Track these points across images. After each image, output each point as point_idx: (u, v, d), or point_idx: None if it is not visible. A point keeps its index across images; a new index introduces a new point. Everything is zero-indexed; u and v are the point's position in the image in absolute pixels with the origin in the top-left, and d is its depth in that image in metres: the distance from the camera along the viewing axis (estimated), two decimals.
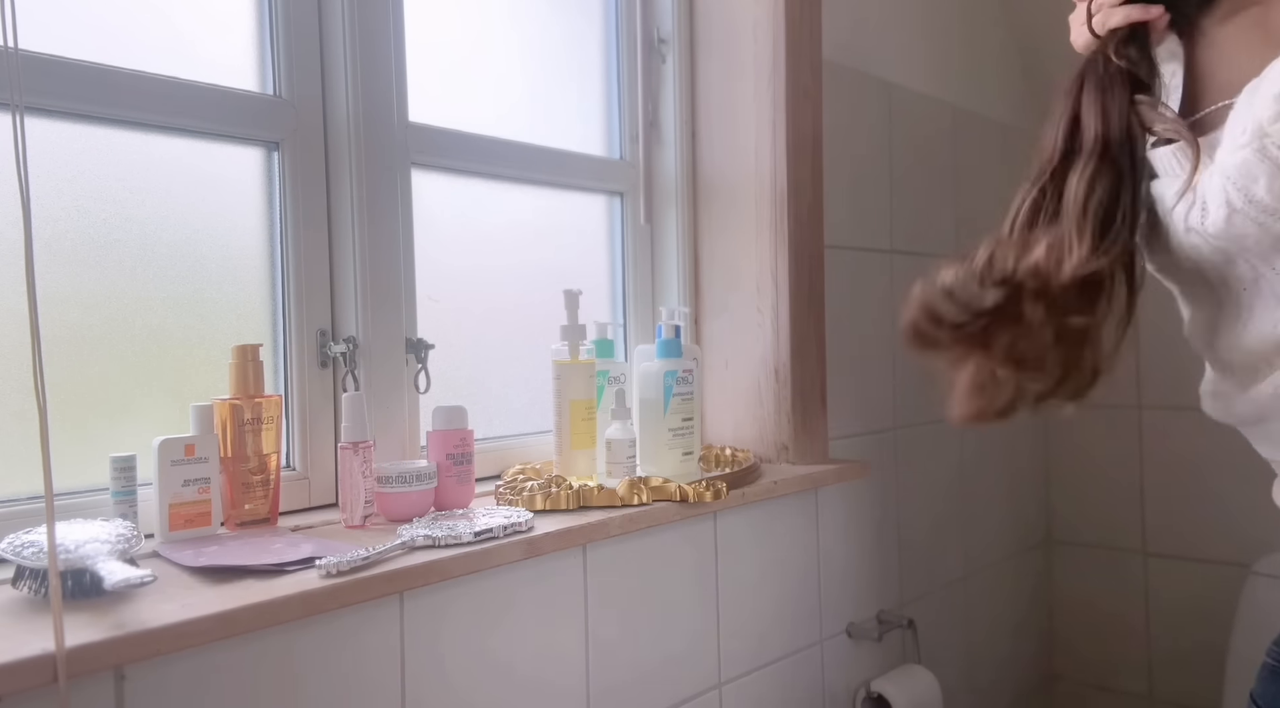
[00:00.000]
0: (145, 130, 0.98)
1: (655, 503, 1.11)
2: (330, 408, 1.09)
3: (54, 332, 0.92)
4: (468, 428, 1.07)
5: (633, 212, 1.47)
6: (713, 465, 1.35)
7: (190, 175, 1.02)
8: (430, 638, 0.93)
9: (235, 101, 1.03)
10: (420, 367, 1.15)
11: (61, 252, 0.92)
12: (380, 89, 1.11)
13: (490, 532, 0.94)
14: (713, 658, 1.26)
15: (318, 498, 1.08)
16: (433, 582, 0.89)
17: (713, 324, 1.48)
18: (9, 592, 0.77)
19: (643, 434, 1.20)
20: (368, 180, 1.10)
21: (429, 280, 1.19)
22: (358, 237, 1.09)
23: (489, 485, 1.17)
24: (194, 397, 0.97)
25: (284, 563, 0.84)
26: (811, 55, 1.43)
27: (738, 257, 1.45)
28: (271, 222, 1.07)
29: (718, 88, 1.47)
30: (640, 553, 1.15)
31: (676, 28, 1.48)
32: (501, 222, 1.31)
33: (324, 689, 0.85)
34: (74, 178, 0.93)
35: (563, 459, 1.17)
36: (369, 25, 1.10)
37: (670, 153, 1.48)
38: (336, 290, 1.10)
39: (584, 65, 1.45)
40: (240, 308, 1.05)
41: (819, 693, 1.43)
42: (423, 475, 1.02)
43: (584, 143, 1.43)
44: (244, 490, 0.96)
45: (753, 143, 1.43)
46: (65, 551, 0.74)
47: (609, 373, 1.23)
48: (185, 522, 0.91)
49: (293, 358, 1.07)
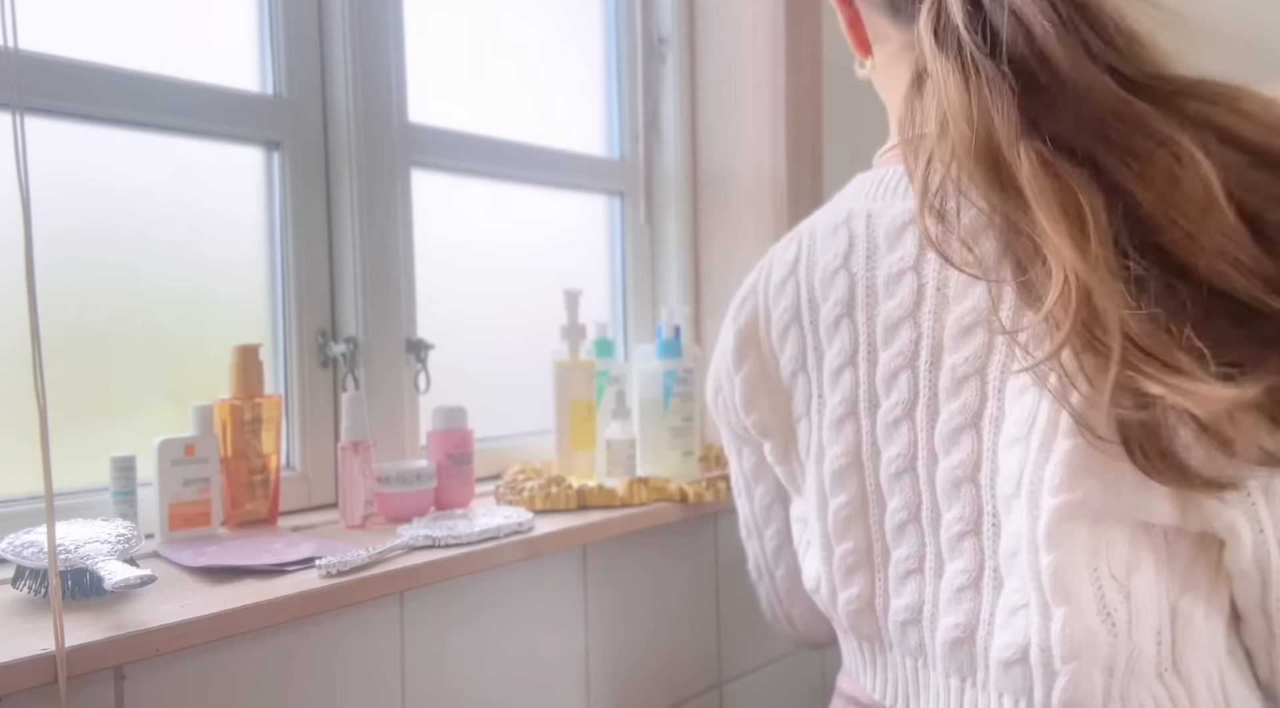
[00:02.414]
0: (145, 130, 0.98)
1: (655, 503, 1.11)
2: (330, 408, 1.09)
3: (54, 332, 0.92)
4: (468, 428, 1.07)
5: (633, 211, 1.47)
6: (713, 465, 1.35)
7: (190, 175, 1.01)
8: (430, 638, 0.93)
9: (235, 101, 1.03)
10: (420, 367, 1.15)
11: (61, 252, 0.92)
12: (380, 89, 1.11)
13: (490, 532, 0.94)
14: (713, 658, 1.25)
15: (318, 498, 1.08)
16: (433, 582, 0.89)
17: (713, 324, 1.48)
18: (9, 592, 0.77)
19: (643, 434, 1.20)
20: (368, 180, 1.10)
21: (429, 280, 1.19)
22: (358, 237, 1.09)
23: (489, 485, 1.17)
24: (194, 397, 0.97)
25: (284, 563, 0.84)
26: (811, 55, 1.43)
27: (738, 256, 1.45)
28: (271, 221, 1.07)
29: (718, 88, 1.47)
30: (640, 553, 1.15)
31: (676, 28, 1.48)
32: (501, 221, 1.31)
33: (324, 689, 0.85)
34: (74, 178, 0.93)
35: (563, 459, 1.17)
36: (369, 25, 1.10)
37: (670, 153, 1.48)
38: (336, 290, 1.10)
39: (584, 65, 1.45)
40: (240, 308, 1.05)
41: (819, 693, 1.43)
42: (423, 475, 1.02)
43: (584, 143, 1.43)
44: (244, 490, 0.96)
45: (753, 142, 1.43)
46: (65, 551, 0.74)
47: (609, 373, 1.23)
48: (185, 522, 0.91)
49: (293, 358, 1.07)
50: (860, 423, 0.75)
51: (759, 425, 0.83)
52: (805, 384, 0.78)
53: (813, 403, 0.78)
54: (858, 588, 0.77)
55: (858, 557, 0.77)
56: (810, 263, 0.78)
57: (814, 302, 0.77)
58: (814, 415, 0.78)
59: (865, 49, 0.79)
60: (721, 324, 0.87)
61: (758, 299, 0.82)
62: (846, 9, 0.79)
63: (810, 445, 0.79)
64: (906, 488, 0.73)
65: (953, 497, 0.70)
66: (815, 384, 0.78)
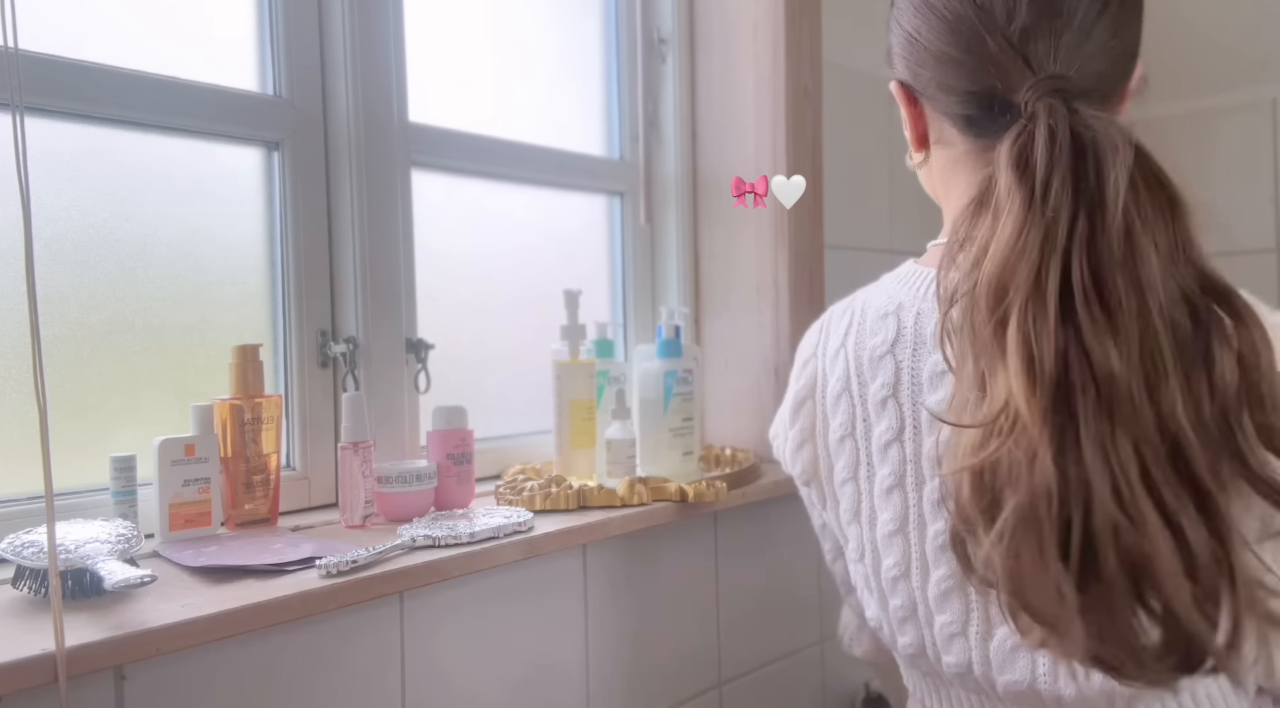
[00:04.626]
0: (145, 130, 0.98)
1: (655, 503, 1.11)
2: (330, 408, 1.09)
3: (54, 332, 0.92)
4: (468, 428, 1.07)
5: (633, 212, 1.47)
6: (713, 465, 1.35)
7: (190, 175, 1.01)
8: (430, 638, 0.93)
9: (235, 101, 1.03)
10: (420, 367, 1.15)
11: (61, 252, 0.92)
12: (380, 89, 1.11)
13: (490, 532, 0.94)
14: (713, 658, 1.26)
15: (318, 498, 1.08)
16: (433, 582, 0.89)
17: (713, 324, 1.48)
18: (9, 592, 0.77)
19: (643, 434, 1.20)
20: (368, 180, 1.10)
21: (429, 280, 1.19)
22: (358, 237, 1.09)
23: (489, 485, 1.17)
24: (194, 397, 0.97)
25: (284, 563, 0.84)
26: (811, 55, 1.44)
27: (738, 257, 1.45)
28: (271, 221, 1.07)
29: (718, 88, 1.47)
30: (640, 553, 1.15)
31: (676, 28, 1.48)
32: (501, 222, 1.31)
33: (324, 689, 0.85)
34: (74, 178, 0.93)
35: (563, 459, 1.17)
36: (369, 25, 1.10)
37: (670, 153, 1.48)
38: (336, 290, 1.10)
39: (584, 65, 1.45)
40: (240, 308, 1.05)
41: (819, 693, 1.43)
42: (423, 475, 1.02)
43: (584, 143, 1.43)
44: (244, 490, 0.96)
45: (753, 143, 1.43)
46: (65, 551, 0.74)
47: (609, 373, 1.23)
48: (185, 522, 0.91)
49: (293, 358, 1.07)
50: (907, 496, 0.78)
51: (803, 474, 0.89)
52: (854, 449, 0.82)
53: (861, 469, 0.82)
54: (910, 638, 0.81)
55: (906, 612, 0.80)
56: (859, 342, 0.81)
57: (862, 378, 0.81)
58: (863, 481, 0.82)
59: (922, 146, 0.81)
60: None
61: (818, 363, 0.86)
62: (911, 108, 0.80)
63: (861, 509, 0.82)
64: (951, 559, 0.75)
65: None
66: (864, 452, 0.81)
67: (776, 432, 0.93)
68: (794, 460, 0.89)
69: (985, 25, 0.69)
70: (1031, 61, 0.68)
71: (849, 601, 1.02)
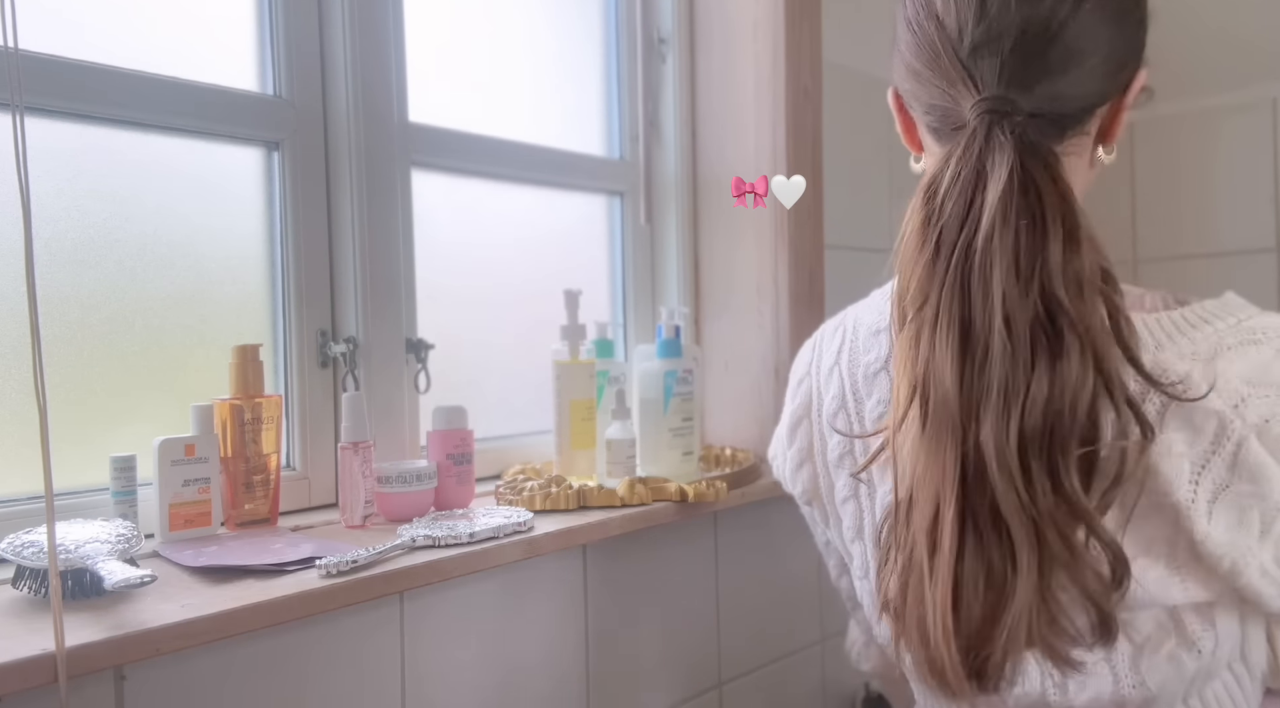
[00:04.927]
0: (145, 130, 0.98)
1: (655, 503, 1.11)
2: (330, 408, 1.09)
3: (54, 332, 0.92)
4: (468, 428, 1.07)
5: (633, 212, 1.47)
6: (713, 465, 1.35)
7: (190, 175, 1.01)
8: (430, 638, 0.93)
9: (235, 101, 1.03)
10: (420, 367, 1.15)
11: (61, 252, 0.92)
12: (380, 89, 1.11)
13: (490, 532, 0.94)
14: (713, 658, 1.26)
15: (318, 498, 1.08)
16: (433, 582, 0.89)
17: (713, 324, 1.48)
18: (9, 592, 0.77)
19: (643, 434, 1.20)
20: (368, 180, 1.10)
21: (429, 280, 1.19)
22: (358, 237, 1.09)
23: (489, 485, 1.17)
24: (194, 397, 0.97)
25: (284, 563, 0.84)
26: (811, 55, 1.44)
27: (738, 257, 1.45)
28: (271, 221, 1.07)
29: (718, 88, 1.47)
30: (640, 553, 1.15)
31: (676, 28, 1.48)
32: (501, 222, 1.31)
33: (324, 689, 0.85)
34: (74, 178, 0.93)
35: (563, 459, 1.17)
36: (369, 25, 1.10)
37: (670, 153, 1.48)
38: (336, 290, 1.10)
39: (584, 65, 1.45)
40: (240, 308, 1.05)
41: (819, 693, 1.43)
42: (423, 475, 1.02)
43: (584, 143, 1.43)
44: (244, 490, 0.96)
45: (753, 143, 1.43)
46: (65, 551, 0.74)
47: (609, 373, 1.23)
48: (185, 522, 0.91)
49: (293, 358, 1.07)
50: None
51: (804, 494, 0.89)
52: (853, 467, 0.82)
53: (862, 487, 0.82)
54: None
55: None
56: (853, 360, 0.81)
57: (858, 395, 0.81)
58: (864, 499, 0.82)
59: (918, 149, 0.82)
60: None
61: (812, 382, 0.86)
62: (902, 115, 0.81)
63: (864, 526, 0.82)
64: None
65: None
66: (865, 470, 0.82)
67: (775, 452, 0.93)
68: (794, 480, 0.89)
69: (942, 42, 0.69)
70: (976, 80, 0.67)
71: (855, 616, 1.01)
